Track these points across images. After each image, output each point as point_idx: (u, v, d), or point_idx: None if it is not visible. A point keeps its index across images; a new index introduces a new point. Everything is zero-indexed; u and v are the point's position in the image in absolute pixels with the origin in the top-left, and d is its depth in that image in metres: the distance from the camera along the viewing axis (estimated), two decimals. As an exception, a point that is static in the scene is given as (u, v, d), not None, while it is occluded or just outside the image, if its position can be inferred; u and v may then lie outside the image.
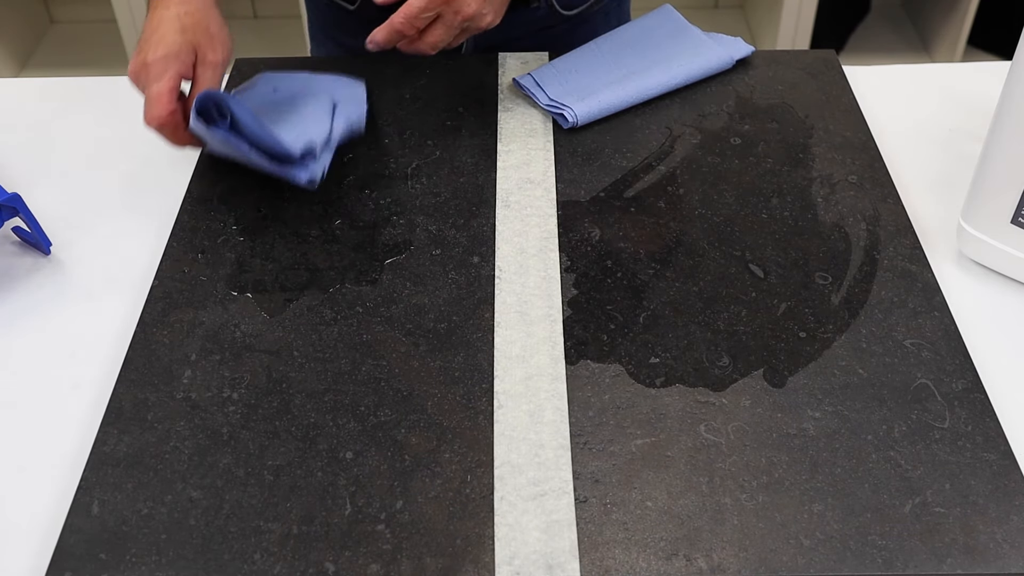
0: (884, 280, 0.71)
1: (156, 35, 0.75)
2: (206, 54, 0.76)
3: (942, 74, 0.96)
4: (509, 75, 0.91)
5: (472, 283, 0.71)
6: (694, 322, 0.68)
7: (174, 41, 0.74)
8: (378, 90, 0.90)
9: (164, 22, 0.75)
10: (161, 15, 0.76)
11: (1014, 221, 0.70)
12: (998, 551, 0.55)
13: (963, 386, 0.64)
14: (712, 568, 0.55)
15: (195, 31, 0.76)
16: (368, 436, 0.61)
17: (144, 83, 0.74)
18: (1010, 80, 0.67)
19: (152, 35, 0.75)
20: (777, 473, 0.59)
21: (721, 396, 0.63)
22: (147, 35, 0.76)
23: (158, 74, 0.73)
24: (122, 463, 0.60)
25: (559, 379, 0.64)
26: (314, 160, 0.76)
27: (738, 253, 0.73)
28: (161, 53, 0.74)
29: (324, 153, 0.77)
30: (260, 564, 0.55)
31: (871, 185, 0.79)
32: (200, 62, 0.76)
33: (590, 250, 0.74)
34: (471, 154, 0.83)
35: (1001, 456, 0.60)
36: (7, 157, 0.86)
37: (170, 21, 0.75)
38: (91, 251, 0.77)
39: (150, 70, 0.74)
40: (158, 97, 0.73)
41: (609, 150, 0.83)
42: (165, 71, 0.74)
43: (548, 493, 0.58)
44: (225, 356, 0.67)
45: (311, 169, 0.76)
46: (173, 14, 0.76)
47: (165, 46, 0.74)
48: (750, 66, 0.92)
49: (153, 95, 0.73)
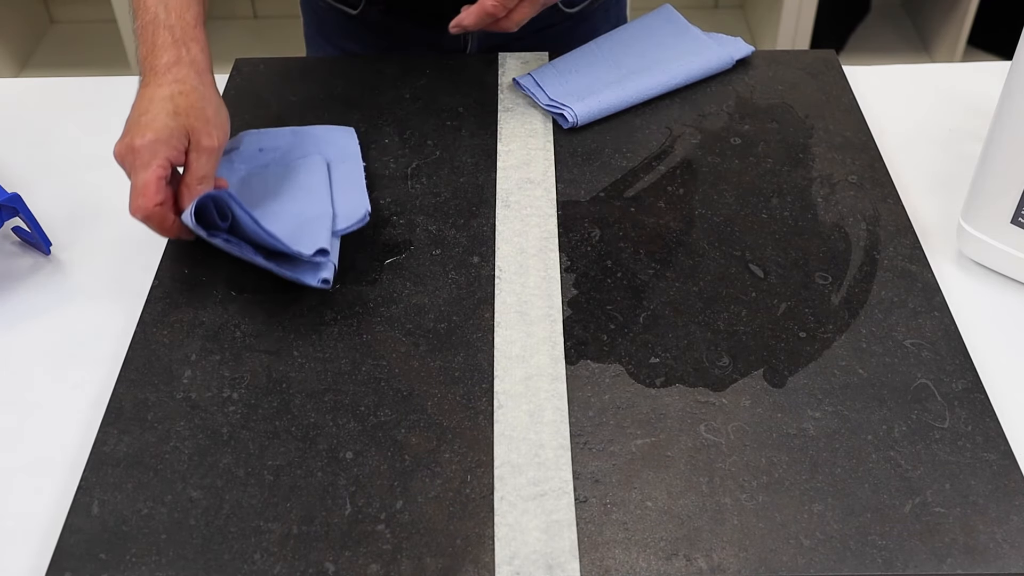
0: (884, 280, 0.71)
1: (146, 116, 0.68)
2: (200, 139, 0.69)
3: (942, 74, 0.96)
4: (509, 75, 0.91)
5: (472, 283, 0.71)
6: (694, 322, 0.68)
7: (165, 125, 0.68)
8: (378, 90, 0.90)
9: (155, 102, 0.69)
10: (152, 94, 0.70)
11: (1014, 221, 0.70)
12: (998, 551, 0.55)
13: (963, 386, 0.64)
14: (712, 568, 0.55)
15: (189, 114, 0.69)
16: (368, 436, 0.61)
17: (130, 168, 0.68)
18: (1010, 80, 0.67)
19: (141, 116, 0.69)
20: (777, 473, 0.59)
21: (721, 396, 0.63)
22: (136, 115, 0.69)
23: (145, 162, 0.67)
24: (122, 463, 0.60)
25: (559, 379, 0.64)
26: (325, 256, 0.69)
27: (738, 253, 0.73)
28: (150, 138, 0.67)
29: (333, 242, 0.72)
30: (260, 564, 0.55)
31: (871, 185, 0.79)
32: (194, 147, 0.69)
33: (590, 250, 0.74)
34: (471, 154, 0.83)
35: (1001, 456, 0.60)
36: (7, 157, 0.86)
37: (162, 102, 0.69)
38: (91, 251, 0.77)
39: (137, 156, 0.67)
40: (144, 188, 0.67)
41: (609, 150, 0.83)
42: (153, 158, 0.67)
43: (548, 493, 0.58)
44: (225, 356, 0.67)
45: (323, 267, 0.69)
46: (166, 94, 0.69)
47: (154, 130, 0.68)
48: (750, 66, 0.92)
49: (139, 185, 0.67)
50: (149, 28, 0.72)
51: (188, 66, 0.72)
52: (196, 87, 0.71)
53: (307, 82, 0.91)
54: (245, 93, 0.90)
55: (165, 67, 0.71)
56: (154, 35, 0.71)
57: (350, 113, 0.87)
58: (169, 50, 0.71)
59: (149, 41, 0.72)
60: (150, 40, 0.72)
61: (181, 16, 0.73)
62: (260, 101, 0.89)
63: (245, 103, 0.89)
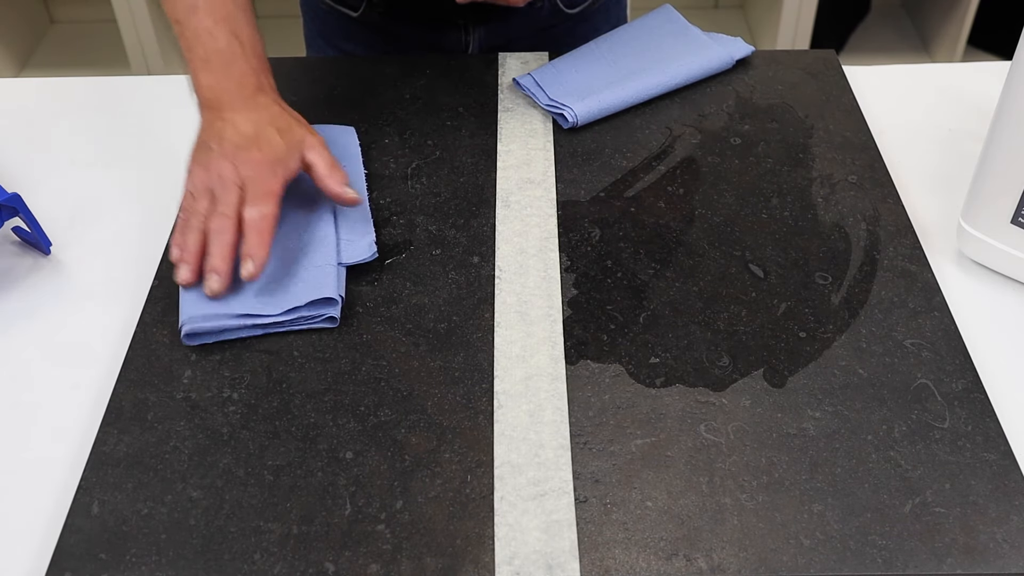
0: (884, 280, 0.71)
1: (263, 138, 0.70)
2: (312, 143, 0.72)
3: (942, 74, 0.96)
4: (509, 75, 0.91)
5: (472, 283, 0.71)
6: (694, 322, 0.68)
7: (281, 144, 0.71)
8: (378, 90, 0.90)
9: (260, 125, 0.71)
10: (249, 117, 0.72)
11: (1014, 221, 0.70)
12: (998, 551, 0.55)
13: (963, 386, 0.64)
14: (712, 568, 0.55)
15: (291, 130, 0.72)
16: (368, 436, 0.61)
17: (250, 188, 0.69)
18: (1010, 80, 0.67)
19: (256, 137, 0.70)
20: (777, 473, 0.59)
21: (721, 396, 0.63)
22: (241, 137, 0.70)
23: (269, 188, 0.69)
24: (122, 463, 0.60)
25: (559, 379, 0.64)
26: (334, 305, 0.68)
27: (738, 253, 0.73)
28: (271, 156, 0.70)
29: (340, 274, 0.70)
30: (260, 564, 0.55)
31: (871, 185, 0.79)
32: (309, 149, 0.72)
33: (590, 250, 0.74)
34: (471, 154, 0.83)
35: (1001, 456, 0.60)
36: (7, 157, 0.86)
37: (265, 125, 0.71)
38: (91, 251, 0.77)
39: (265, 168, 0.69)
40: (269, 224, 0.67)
41: (609, 150, 0.83)
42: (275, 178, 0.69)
43: (548, 493, 0.58)
44: (225, 356, 0.66)
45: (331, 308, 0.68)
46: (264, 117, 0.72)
47: (273, 148, 0.70)
48: (750, 66, 0.92)
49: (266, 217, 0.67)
50: (221, 57, 0.73)
51: (270, 91, 0.75)
52: (284, 109, 0.74)
53: (307, 82, 0.91)
54: (245, 93, 0.90)
55: (251, 94, 0.73)
56: (230, 65, 0.73)
57: (350, 113, 0.87)
58: (249, 78, 0.73)
59: (223, 70, 0.73)
60: (224, 69, 0.73)
61: (254, 47, 0.75)
62: (260, 101, 0.89)
63: (245, 103, 0.89)
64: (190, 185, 0.70)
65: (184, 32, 0.74)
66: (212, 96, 0.73)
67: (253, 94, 0.73)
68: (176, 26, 0.74)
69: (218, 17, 0.73)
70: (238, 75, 0.73)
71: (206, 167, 0.70)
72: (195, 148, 0.72)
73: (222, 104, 0.72)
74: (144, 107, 0.92)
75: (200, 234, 0.68)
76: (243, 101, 0.72)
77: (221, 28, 0.73)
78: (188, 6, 0.73)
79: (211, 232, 0.68)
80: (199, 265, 0.68)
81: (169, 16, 0.75)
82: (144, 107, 0.92)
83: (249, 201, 0.68)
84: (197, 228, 0.68)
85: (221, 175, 0.69)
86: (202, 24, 0.73)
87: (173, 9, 0.74)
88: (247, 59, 0.73)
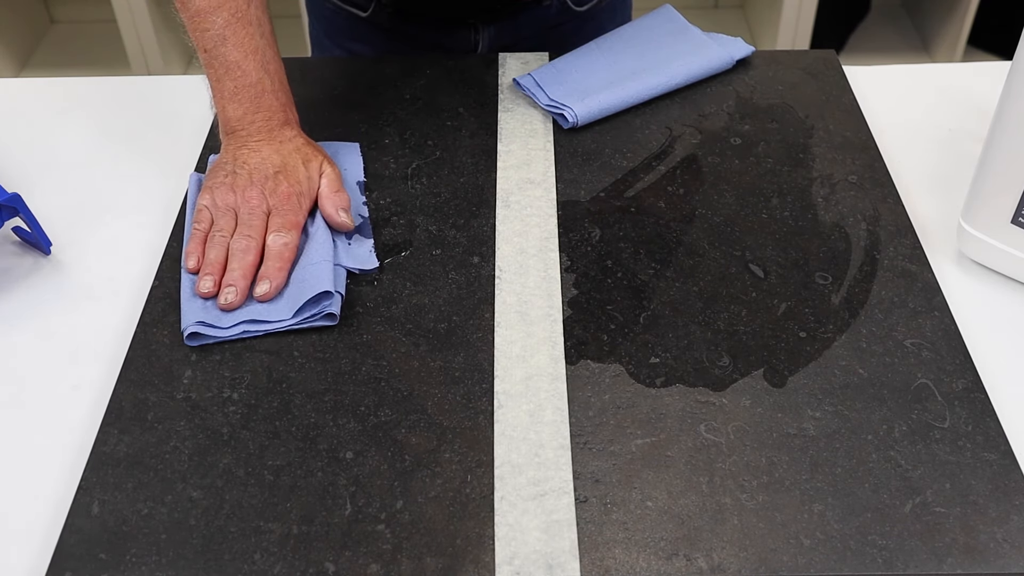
0: (884, 280, 0.71)
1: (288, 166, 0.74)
2: (326, 169, 0.76)
3: (942, 74, 0.96)
4: (509, 75, 0.91)
5: (472, 283, 0.71)
6: (694, 322, 0.68)
7: (307, 177, 0.75)
8: (378, 90, 0.90)
9: (288, 156, 0.75)
10: (278, 149, 0.75)
11: (1014, 221, 0.70)
12: (998, 551, 0.55)
13: (963, 386, 0.64)
14: (712, 568, 0.55)
15: (312, 160, 0.76)
16: (368, 436, 0.61)
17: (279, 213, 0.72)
18: (1010, 80, 0.67)
19: (283, 166, 0.74)
20: (777, 473, 0.59)
21: (721, 396, 0.63)
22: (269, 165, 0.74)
23: (295, 219, 0.72)
24: (122, 463, 0.60)
25: (559, 379, 0.64)
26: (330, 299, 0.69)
27: (738, 253, 0.73)
28: (298, 189, 0.74)
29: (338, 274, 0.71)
30: (260, 564, 0.55)
31: (871, 185, 0.79)
32: (323, 176, 0.76)
33: (590, 250, 0.74)
34: (471, 154, 0.83)
35: (1001, 456, 0.60)
36: (7, 157, 0.86)
37: (290, 155, 0.75)
38: (91, 251, 0.77)
39: (287, 202, 0.72)
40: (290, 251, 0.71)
41: (609, 150, 0.83)
42: (301, 210, 0.73)
43: (548, 493, 0.58)
44: (225, 356, 0.66)
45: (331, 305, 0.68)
46: (290, 149, 0.75)
47: (298, 181, 0.74)
48: (750, 66, 0.92)
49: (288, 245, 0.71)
50: (251, 91, 0.75)
51: (295, 124, 0.78)
52: (307, 140, 0.78)
53: (307, 82, 0.91)
54: (245, 93, 0.90)
55: (278, 126, 0.76)
56: (259, 98, 0.75)
57: (350, 113, 0.87)
58: (278, 113, 0.76)
59: (252, 103, 0.75)
60: (253, 102, 0.75)
61: (281, 81, 0.77)
62: (260, 101, 0.89)
63: (245, 103, 0.89)
64: (210, 202, 0.73)
65: (212, 62, 0.75)
66: (239, 127, 0.76)
67: (280, 127, 0.76)
68: (204, 55, 0.75)
69: (248, 50, 0.75)
70: (266, 109, 0.76)
71: (233, 189, 0.73)
72: (218, 169, 0.75)
73: (249, 134, 0.75)
74: (144, 107, 0.92)
75: (224, 250, 0.71)
76: (269, 133, 0.76)
77: (251, 62, 0.75)
78: (217, 37, 0.74)
79: (235, 250, 0.70)
80: (221, 278, 0.70)
81: (196, 44, 0.76)
82: (144, 107, 0.92)
83: (274, 228, 0.71)
84: (221, 244, 0.71)
85: (248, 200, 0.72)
86: (231, 57, 0.74)
87: (202, 39, 0.75)
88: (275, 94, 0.76)
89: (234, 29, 0.74)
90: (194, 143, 0.86)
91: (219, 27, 0.74)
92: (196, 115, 0.89)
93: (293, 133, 0.77)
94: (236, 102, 0.75)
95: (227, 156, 0.75)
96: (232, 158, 0.75)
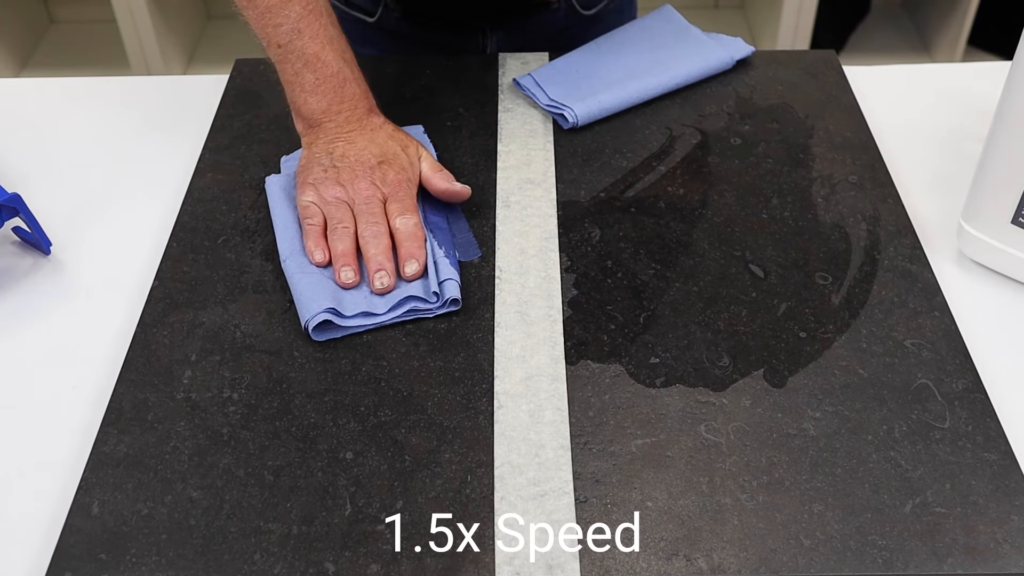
0: (884, 280, 0.71)
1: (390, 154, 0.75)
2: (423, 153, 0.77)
3: (942, 74, 0.96)
4: (509, 75, 0.91)
5: (472, 283, 0.71)
6: (694, 322, 0.68)
7: (410, 163, 0.75)
8: (378, 90, 0.90)
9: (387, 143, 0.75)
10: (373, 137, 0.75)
11: (1014, 221, 0.70)
12: (998, 551, 0.55)
13: (963, 386, 0.64)
14: (712, 568, 0.55)
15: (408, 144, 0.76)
16: (368, 436, 0.61)
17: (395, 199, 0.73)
18: (1010, 80, 0.67)
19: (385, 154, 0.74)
20: (777, 473, 0.59)
21: (721, 396, 0.63)
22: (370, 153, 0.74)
23: (411, 203, 0.73)
24: (122, 463, 0.60)
25: (559, 379, 0.64)
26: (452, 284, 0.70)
27: (738, 253, 0.73)
28: (410, 174, 0.74)
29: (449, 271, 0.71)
30: (260, 564, 0.55)
31: (871, 185, 0.79)
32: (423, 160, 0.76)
33: (590, 250, 0.74)
34: (471, 154, 0.83)
35: (1001, 456, 0.60)
36: (7, 157, 0.86)
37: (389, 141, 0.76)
38: (91, 251, 0.77)
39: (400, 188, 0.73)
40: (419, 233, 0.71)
41: (609, 150, 0.83)
42: (412, 194, 0.74)
43: (548, 493, 0.58)
44: (225, 356, 0.66)
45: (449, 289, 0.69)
46: (384, 136, 0.76)
47: (404, 168, 0.74)
48: (750, 66, 0.92)
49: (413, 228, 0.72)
50: (333, 81, 0.75)
51: (379, 113, 0.78)
52: (394, 127, 0.78)
53: (307, 82, 0.91)
54: (245, 93, 0.90)
55: (365, 115, 0.77)
56: (342, 89, 0.75)
57: (350, 113, 0.87)
58: (362, 101, 0.77)
59: (335, 93, 0.75)
60: (336, 92, 0.75)
61: (359, 69, 0.78)
62: (260, 101, 0.89)
63: (245, 103, 0.89)
64: (316, 198, 0.73)
65: (288, 56, 0.75)
66: (325, 119, 0.76)
67: (367, 115, 0.77)
68: (277, 50, 0.75)
69: (324, 41, 0.75)
70: (351, 98, 0.76)
71: (339, 183, 0.73)
72: (313, 165, 0.74)
73: (338, 125, 0.75)
74: (144, 107, 0.92)
75: (351, 240, 0.71)
76: (359, 123, 0.76)
77: (329, 52, 0.75)
78: (292, 31, 0.74)
79: (367, 237, 0.71)
80: (359, 266, 0.70)
81: (267, 41, 0.75)
82: (144, 107, 0.92)
83: (396, 212, 0.72)
84: (346, 235, 0.71)
85: (361, 191, 0.73)
86: (310, 49, 0.74)
87: (275, 34, 0.74)
88: (357, 82, 0.77)
89: (308, 21, 0.74)
90: (194, 143, 0.86)
91: (293, 20, 0.73)
92: (196, 115, 0.89)
93: (381, 120, 0.77)
94: (319, 94, 0.75)
95: (318, 150, 0.75)
96: (326, 152, 0.75)
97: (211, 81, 0.94)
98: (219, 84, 0.92)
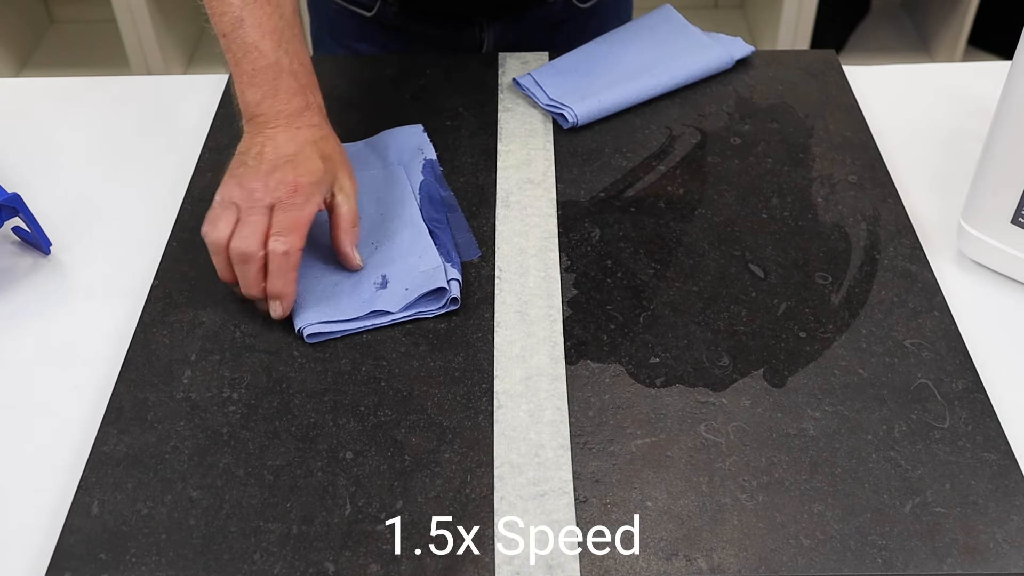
0: (884, 280, 0.71)
1: (300, 157, 0.69)
2: (344, 183, 0.71)
3: (942, 74, 0.96)
4: (509, 75, 0.91)
5: (472, 283, 0.71)
6: (694, 322, 0.68)
7: (319, 168, 0.69)
8: (378, 90, 0.90)
9: (304, 145, 0.70)
10: (294, 136, 0.70)
11: (1014, 221, 0.70)
12: (998, 551, 0.55)
13: (963, 386, 0.64)
14: (712, 568, 0.55)
15: (332, 158, 0.71)
16: (368, 436, 0.61)
17: (286, 205, 0.67)
18: (1010, 80, 0.67)
19: (295, 156, 0.69)
20: (777, 473, 0.59)
21: (721, 396, 0.63)
22: (281, 155, 0.69)
23: (304, 200, 0.67)
24: (122, 463, 0.60)
25: (559, 379, 0.64)
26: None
27: (738, 253, 0.73)
28: (312, 179, 0.68)
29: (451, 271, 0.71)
30: (260, 564, 0.55)
31: (871, 185, 0.79)
32: (339, 189, 0.71)
33: (590, 250, 0.74)
34: (471, 154, 0.83)
35: (1001, 456, 0.60)
36: (7, 157, 0.86)
37: (309, 145, 0.70)
38: (91, 251, 0.77)
39: (299, 193, 0.67)
40: (302, 224, 0.67)
41: (609, 150, 0.83)
42: (311, 199, 0.68)
43: (548, 493, 0.58)
44: (225, 356, 0.66)
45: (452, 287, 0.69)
46: (308, 137, 0.70)
47: (312, 172, 0.68)
48: (750, 66, 0.92)
49: (299, 219, 0.67)
50: (268, 72, 0.71)
51: (317, 112, 0.73)
52: (329, 133, 0.73)
53: (307, 82, 0.91)
54: (245, 93, 0.90)
55: (297, 111, 0.71)
56: (276, 80, 0.71)
57: (350, 113, 0.87)
58: (297, 96, 0.71)
59: (270, 85, 0.71)
60: (271, 84, 0.71)
61: (302, 62, 0.73)
62: (260, 101, 0.89)
63: (245, 103, 0.89)
64: (219, 196, 0.69)
65: (230, 46, 0.72)
66: (258, 112, 0.71)
67: (299, 111, 0.71)
68: (223, 39, 0.72)
69: (265, 31, 0.71)
70: (285, 91, 0.71)
71: (240, 182, 0.68)
72: (234, 161, 0.71)
73: (267, 120, 0.71)
74: (144, 107, 0.92)
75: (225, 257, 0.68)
76: (287, 118, 0.71)
77: (268, 42, 0.71)
78: (235, 19, 0.71)
79: (235, 259, 0.67)
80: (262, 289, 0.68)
81: (216, 30, 0.73)
82: (144, 107, 0.92)
83: (275, 230, 0.67)
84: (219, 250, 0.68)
85: (252, 193, 0.67)
86: (249, 38, 0.71)
87: (220, 23, 0.72)
88: (295, 75, 0.72)
89: (251, 10, 0.71)
90: (194, 143, 0.86)
91: (236, 9, 0.71)
92: (196, 115, 0.89)
93: (316, 121, 0.72)
94: (253, 85, 0.71)
95: (243, 147, 0.71)
96: (247, 149, 0.71)
97: (211, 81, 0.94)
98: (219, 84, 0.92)
